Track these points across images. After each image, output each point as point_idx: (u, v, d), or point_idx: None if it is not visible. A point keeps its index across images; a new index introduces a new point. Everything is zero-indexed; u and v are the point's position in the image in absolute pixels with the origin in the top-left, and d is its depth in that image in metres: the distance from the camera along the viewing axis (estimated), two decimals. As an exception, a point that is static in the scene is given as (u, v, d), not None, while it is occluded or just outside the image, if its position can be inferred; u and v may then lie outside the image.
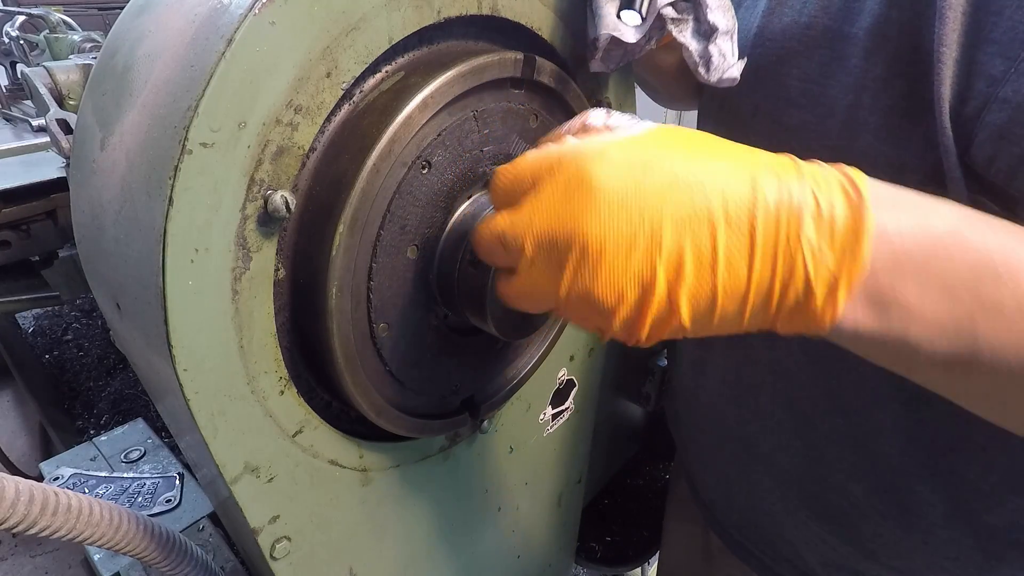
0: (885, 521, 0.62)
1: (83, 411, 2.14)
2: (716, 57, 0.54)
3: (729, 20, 0.54)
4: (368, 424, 0.54)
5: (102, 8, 3.29)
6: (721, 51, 0.54)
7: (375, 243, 0.47)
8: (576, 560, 1.12)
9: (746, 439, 0.73)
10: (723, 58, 0.54)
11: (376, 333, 0.50)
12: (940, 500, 0.58)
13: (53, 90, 1.09)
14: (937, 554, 0.61)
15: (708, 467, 0.83)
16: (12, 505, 0.42)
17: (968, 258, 0.34)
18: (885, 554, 0.65)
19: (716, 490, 0.83)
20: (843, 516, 0.66)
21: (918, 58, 0.48)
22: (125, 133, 0.41)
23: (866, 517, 0.63)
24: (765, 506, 0.74)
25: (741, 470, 0.76)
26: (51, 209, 1.07)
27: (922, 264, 0.34)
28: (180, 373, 0.40)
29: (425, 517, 0.67)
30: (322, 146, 0.45)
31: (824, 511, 0.67)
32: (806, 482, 0.68)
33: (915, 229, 0.35)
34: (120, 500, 0.84)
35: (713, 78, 0.54)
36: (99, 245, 0.45)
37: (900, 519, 0.61)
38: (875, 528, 0.64)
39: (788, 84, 0.58)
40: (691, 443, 0.87)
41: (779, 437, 0.68)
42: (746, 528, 0.79)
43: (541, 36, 0.56)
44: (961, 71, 0.45)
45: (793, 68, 0.58)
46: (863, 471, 0.62)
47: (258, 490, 0.48)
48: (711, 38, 0.53)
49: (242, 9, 0.37)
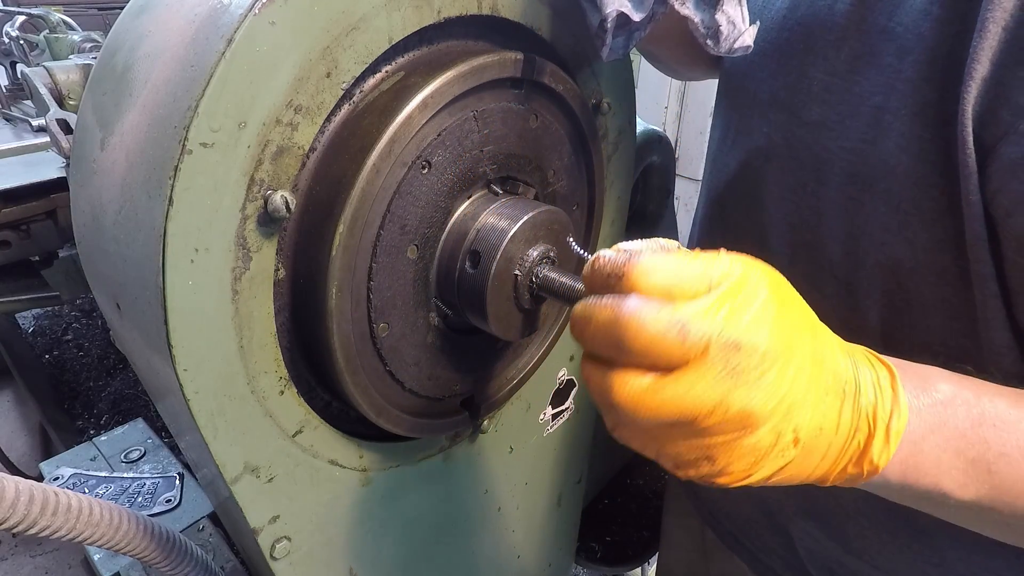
0: (872, 525, 0.62)
1: (83, 411, 2.14)
2: (725, 26, 0.49)
3: None
4: (368, 424, 0.54)
5: (102, 8, 3.30)
6: (729, 18, 0.49)
7: (375, 243, 0.47)
8: (576, 560, 1.12)
9: None
10: (732, 26, 0.49)
11: (376, 333, 0.50)
12: None
13: (53, 90, 1.09)
14: (920, 559, 0.61)
15: None
16: (12, 505, 0.42)
17: (972, 414, 0.41)
18: (869, 553, 0.65)
19: None
20: (831, 516, 0.66)
21: (950, 65, 0.44)
22: (125, 133, 0.41)
23: (852, 519, 0.64)
24: (755, 500, 0.74)
25: None
26: (51, 209, 1.07)
27: (941, 421, 0.41)
28: (180, 373, 0.40)
29: (425, 517, 0.67)
30: (322, 146, 0.45)
31: (812, 510, 0.67)
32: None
33: (925, 390, 0.41)
34: (120, 500, 0.84)
35: (723, 48, 0.50)
36: (99, 245, 0.45)
37: (887, 524, 0.61)
38: (861, 530, 0.64)
39: (812, 75, 0.55)
40: None
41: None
42: (737, 520, 0.79)
43: (541, 36, 0.56)
44: (988, 92, 0.42)
45: (820, 59, 0.54)
46: None
47: (258, 490, 0.48)
48: (717, 5, 0.49)
49: (242, 9, 0.37)
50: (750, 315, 0.34)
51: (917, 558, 0.61)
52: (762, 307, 0.35)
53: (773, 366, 0.34)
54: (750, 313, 0.34)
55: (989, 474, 0.40)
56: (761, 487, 0.38)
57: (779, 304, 0.35)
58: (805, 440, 0.36)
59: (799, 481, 0.40)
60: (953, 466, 0.41)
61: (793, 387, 0.35)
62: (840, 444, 0.38)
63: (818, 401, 0.36)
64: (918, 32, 0.46)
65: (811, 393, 0.36)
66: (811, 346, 0.37)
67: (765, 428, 0.35)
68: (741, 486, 0.39)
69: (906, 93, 0.47)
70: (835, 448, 0.38)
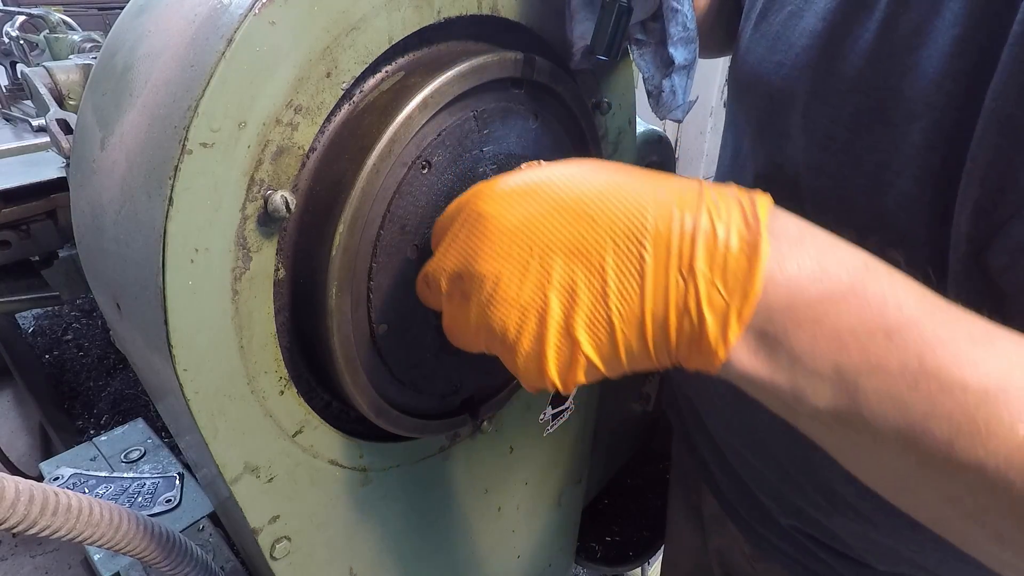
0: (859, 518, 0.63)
1: (83, 411, 2.14)
2: (667, 93, 0.53)
3: (689, 54, 0.52)
4: (368, 424, 0.54)
5: (102, 8, 3.30)
6: (673, 87, 0.53)
7: (375, 243, 0.47)
8: (576, 560, 1.12)
9: (737, 420, 0.74)
10: (673, 95, 0.53)
11: (376, 333, 0.50)
12: None
13: (53, 90, 1.09)
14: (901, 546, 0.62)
15: (699, 428, 0.84)
16: (12, 505, 0.42)
17: (863, 313, 0.33)
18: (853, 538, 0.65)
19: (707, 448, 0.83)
20: (819, 508, 0.66)
21: (957, 137, 0.43)
22: (125, 133, 0.41)
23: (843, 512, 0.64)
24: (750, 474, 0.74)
25: (729, 442, 0.77)
26: (51, 209, 1.07)
27: (816, 311, 0.33)
28: (180, 373, 0.40)
29: (425, 517, 0.67)
30: (322, 146, 0.45)
31: (805, 496, 0.68)
32: (795, 473, 0.68)
33: (816, 272, 0.33)
34: (120, 500, 0.84)
35: (659, 114, 0.54)
36: (99, 245, 0.45)
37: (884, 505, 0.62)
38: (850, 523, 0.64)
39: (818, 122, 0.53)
40: (686, 406, 0.88)
41: (771, 427, 0.69)
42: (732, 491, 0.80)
43: (541, 36, 0.56)
44: (996, 166, 0.40)
45: (829, 107, 0.53)
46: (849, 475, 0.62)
47: (258, 490, 0.48)
48: (668, 70, 0.52)
49: (242, 9, 0.37)
50: (459, 245, 0.40)
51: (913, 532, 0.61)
52: (471, 233, 0.39)
53: (496, 281, 0.38)
54: (459, 243, 0.40)
55: (854, 387, 0.33)
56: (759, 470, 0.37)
57: (494, 232, 0.38)
58: (586, 330, 0.36)
59: (643, 366, 0.38)
60: (814, 371, 0.33)
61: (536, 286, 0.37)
62: (660, 330, 0.35)
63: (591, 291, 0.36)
64: (927, 101, 0.45)
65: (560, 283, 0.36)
66: (552, 233, 0.37)
67: (527, 333, 0.37)
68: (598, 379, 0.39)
69: (911, 156, 0.47)
70: (658, 334, 0.35)
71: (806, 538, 0.72)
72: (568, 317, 0.36)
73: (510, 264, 0.37)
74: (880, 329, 0.32)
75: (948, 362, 0.31)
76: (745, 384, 0.36)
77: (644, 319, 0.35)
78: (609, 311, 0.35)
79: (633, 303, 0.35)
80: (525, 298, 0.37)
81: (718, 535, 0.89)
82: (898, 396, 0.32)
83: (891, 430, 0.32)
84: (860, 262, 0.35)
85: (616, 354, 0.37)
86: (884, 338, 0.32)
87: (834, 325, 0.33)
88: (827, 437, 0.37)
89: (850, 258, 0.35)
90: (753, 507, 0.77)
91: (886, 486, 0.38)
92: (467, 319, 0.40)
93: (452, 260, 0.40)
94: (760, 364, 0.34)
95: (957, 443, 0.31)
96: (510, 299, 0.37)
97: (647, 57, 0.53)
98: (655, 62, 0.53)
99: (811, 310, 0.33)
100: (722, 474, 0.81)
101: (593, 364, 0.37)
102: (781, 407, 0.37)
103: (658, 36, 0.52)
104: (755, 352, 0.34)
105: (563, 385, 0.38)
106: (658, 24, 0.51)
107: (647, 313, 0.35)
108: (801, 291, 0.33)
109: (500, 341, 0.39)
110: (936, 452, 0.31)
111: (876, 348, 0.32)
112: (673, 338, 0.35)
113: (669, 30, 0.51)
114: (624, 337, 0.36)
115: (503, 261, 0.38)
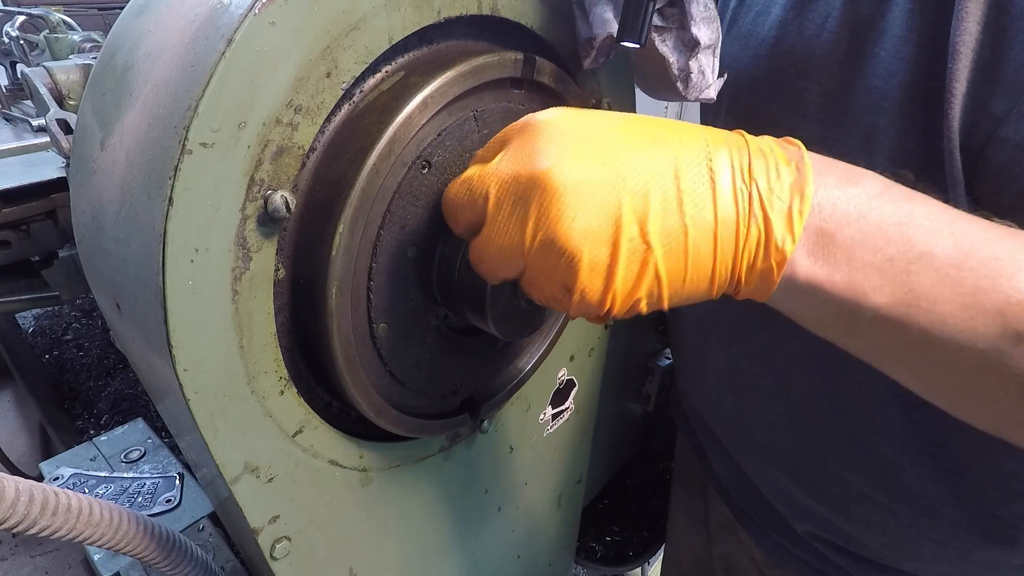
0: (876, 507, 0.63)
1: (83, 411, 2.14)
2: (695, 74, 0.53)
3: (713, 33, 0.52)
4: (368, 424, 0.54)
5: (102, 8, 3.30)
6: (701, 67, 0.53)
7: (375, 243, 0.47)
8: (576, 560, 1.12)
9: (742, 427, 0.73)
10: (702, 75, 0.53)
11: (376, 333, 0.50)
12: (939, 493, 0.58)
13: (53, 90, 1.09)
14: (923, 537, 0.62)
15: (709, 437, 0.84)
16: (12, 505, 0.42)
17: (898, 210, 0.37)
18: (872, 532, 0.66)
19: (717, 458, 0.84)
20: (836, 500, 0.67)
21: (931, 87, 0.48)
22: (125, 133, 0.41)
23: (859, 503, 0.64)
24: (761, 480, 0.75)
25: (738, 449, 0.77)
26: (51, 209, 1.07)
27: (860, 208, 0.37)
28: (180, 373, 0.40)
29: (425, 517, 0.67)
30: (322, 146, 0.45)
31: (818, 493, 0.68)
32: (802, 469, 0.68)
33: (850, 179, 0.38)
34: (120, 500, 0.84)
35: (691, 96, 0.54)
36: (99, 245, 0.45)
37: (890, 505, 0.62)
38: (867, 513, 0.65)
39: (807, 99, 0.58)
40: (694, 417, 0.88)
41: (775, 428, 0.69)
42: (745, 496, 0.80)
43: (541, 36, 0.56)
44: (968, 107, 0.45)
45: (813, 82, 0.57)
46: (859, 464, 0.62)
47: (258, 490, 0.48)
48: (693, 51, 0.52)
49: (242, 9, 0.37)
50: (524, 156, 0.37)
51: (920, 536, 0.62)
52: (537, 145, 0.37)
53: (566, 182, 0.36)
54: (524, 154, 0.37)
55: (907, 275, 0.36)
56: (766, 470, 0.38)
57: (562, 135, 0.37)
58: (659, 236, 0.36)
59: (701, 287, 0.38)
60: (868, 263, 0.36)
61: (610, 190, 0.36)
62: (730, 234, 0.36)
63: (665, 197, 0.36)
64: (900, 56, 0.50)
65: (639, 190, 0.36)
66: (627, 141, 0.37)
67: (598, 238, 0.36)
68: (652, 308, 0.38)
69: (893, 112, 0.51)
70: (727, 240, 0.37)
71: (822, 543, 0.72)
72: (643, 222, 0.36)
73: (582, 166, 0.36)
74: (914, 219, 0.36)
75: (980, 241, 0.36)
76: (803, 298, 0.38)
77: (715, 225, 0.36)
78: (684, 215, 0.36)
79: (705, 209, 0.36)
80: (598, 201, 0.36)
81: (725, 541, 0.88)
82: (947, 277, 0.35)
83: (948, 314, 0.35)
84: (880, 177, 0.39)
85: (683, 268, 0.37)
86: (920, 228, 0.36)
87: (877, 219, 0.36)
88: (887, 342, 0.39)
89: (872, 174, 0.39)
90: (767, 514, 0.77)
91: (946, 387, 0.40)
92: (518, 231, 0.38)
93: (509, 166, 0.38)
94: (819, 267, 0.37)
95: (1008, 312, 0.34)
96: (582, 202, 0.35)
97: (670, 42, 0.53)
98: (679, 45, 0.53)
99: (854, 208, 0.37)
100: (734, 483, 0.82)
101: (659, 277, 0.37)
102: (840, 317, 0.38)
103: (677, 20, 0.52)
104: (813, 253, 0.37)
105: (621, 301, 0.37)
106: (676, 9, 0.51)
107: (718, 220, 0.36)
108: (843, 192, 0.37)
109: (559, 252, 0.36)
110: (991, 326, 0.35)
111: (916, 235, 0.36)
112: (740, 245, 0.37)
113: (690, 11, 0.51)
114: (695, 245, 0.36)
115: (575, 162, 0.36)
